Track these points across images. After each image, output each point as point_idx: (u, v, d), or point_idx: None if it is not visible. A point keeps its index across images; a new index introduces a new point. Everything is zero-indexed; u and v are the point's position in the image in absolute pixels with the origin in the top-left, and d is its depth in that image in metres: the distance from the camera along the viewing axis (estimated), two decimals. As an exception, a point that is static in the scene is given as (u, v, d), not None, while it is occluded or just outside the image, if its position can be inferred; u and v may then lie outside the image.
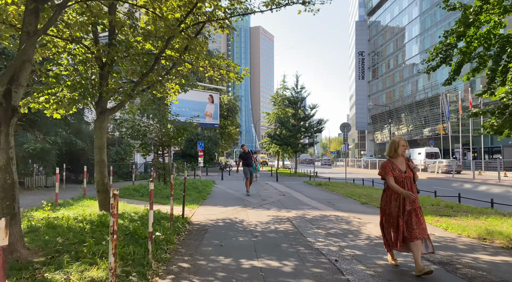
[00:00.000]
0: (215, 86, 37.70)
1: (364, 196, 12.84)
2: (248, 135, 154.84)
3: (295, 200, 11.68)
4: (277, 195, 13.42)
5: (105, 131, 8.19)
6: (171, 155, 14.57)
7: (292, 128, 30.31)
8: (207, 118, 36.61)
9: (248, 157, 13.63)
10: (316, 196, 12.88)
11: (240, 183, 19.87)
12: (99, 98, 8.03)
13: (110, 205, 3.28)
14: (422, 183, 21.58)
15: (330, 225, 7.33)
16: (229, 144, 49.42)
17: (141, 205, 9.90)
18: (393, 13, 70.20)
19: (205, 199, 11.77)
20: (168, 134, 14.05)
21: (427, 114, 51.28)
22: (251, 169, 13.61)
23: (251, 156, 13.82)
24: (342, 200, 11.85)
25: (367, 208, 10.16)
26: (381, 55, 76.48)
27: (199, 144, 25.77)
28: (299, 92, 31.45)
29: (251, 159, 13.71)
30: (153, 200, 4.83)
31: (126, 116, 14.24)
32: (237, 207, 9.82)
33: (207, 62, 10.04)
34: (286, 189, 15.88)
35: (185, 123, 14.62)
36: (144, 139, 14.11)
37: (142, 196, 12.16)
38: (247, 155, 13.68)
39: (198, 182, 16.18)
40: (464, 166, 35.57)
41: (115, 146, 21.72)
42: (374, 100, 76.55)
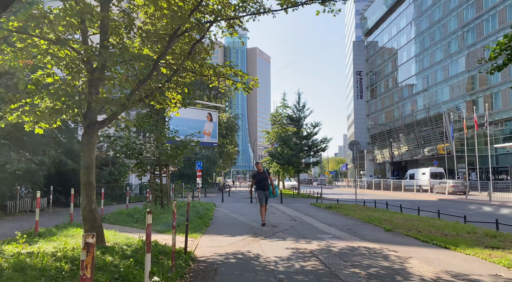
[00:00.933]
0: (214, 104, 36.69)
1: (385, 221, 11.52)
2: (245, 155, 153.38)
3: (310, 227, 10.34)
4: (287, 220, 12.07)
5: (93, 148, 6.92)
6: (168, 175, 13.25)
7: (294, 147, 29.12)
8: (206, 137, 35.35)
9: (263, 178, 10.95)
10: (331, 221, 11.54)
11: (243, 205, 18.47)
12: (87, 109, 6.80)
13: (81, 262, 2.01)
14: (434, 204, 20.29)
15: (365, 261, 6.02)
16: (227, 164, 48.07)
17: (135, 234, 8.54)
18: (391, 33, 70.35)
19: (208, 225, 10.40)
20: (166, 153, 12.78)
21: (429, 134, 50.38)
22: (267, 193, 10.93)
23: (267, 176, 11.06)
24: (362, 227, 10.52)
25: (395, 236, 8.85)
26: (379, 75, 76.30)
27: (197, 163, 24.47)
28: (301, 110, 30.40)
29: (267, 179, 10.98)
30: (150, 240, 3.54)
31: (120, 133, 12.98)
32: (246, 237, 8.47)
33: (212, 71, 8.91)
34: (295, 212, 14.53)
35: (185, 141, 13.38)
36: (139, 158, 12.83)
37: (137, 222, 10.78)
38: (261, 175, 11.01)
39: (198, 205, 14.82)
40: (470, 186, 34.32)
41: (108, 166, 20.38)
42: (373, 120, 75.86)
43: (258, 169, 11.20)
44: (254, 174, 11.34)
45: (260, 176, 11.00)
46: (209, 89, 38.07)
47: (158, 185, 12.95)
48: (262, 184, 10.89)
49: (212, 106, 36.85)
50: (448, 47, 51.25)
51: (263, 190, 10.87)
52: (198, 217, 11.42)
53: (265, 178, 10.93)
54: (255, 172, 11.37)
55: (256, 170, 11.35)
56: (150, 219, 3.97)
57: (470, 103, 46.31)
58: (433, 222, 11.24)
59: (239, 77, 9.60)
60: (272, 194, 10.94)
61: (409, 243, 7.84)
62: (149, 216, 3.99)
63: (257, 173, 11.18)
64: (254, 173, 11.31)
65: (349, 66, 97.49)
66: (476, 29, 45.50)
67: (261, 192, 10.90)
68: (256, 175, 11.14)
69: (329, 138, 30.44)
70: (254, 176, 11.26)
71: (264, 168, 11.68)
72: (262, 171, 11.16)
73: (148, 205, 12.86)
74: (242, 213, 14.12)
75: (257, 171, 11.26)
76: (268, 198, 10.95)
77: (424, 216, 13.02)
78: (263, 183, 10.88)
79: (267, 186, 10.89)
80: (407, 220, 11.65)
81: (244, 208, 16.73)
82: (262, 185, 10.89)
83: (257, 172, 11.22)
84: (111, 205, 18.91)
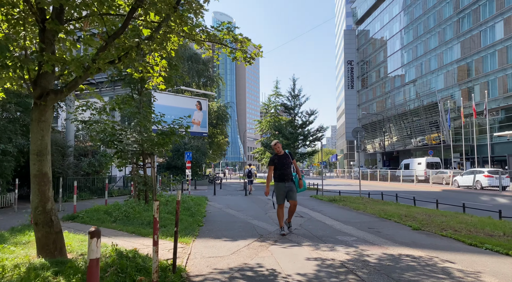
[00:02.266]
0: (204, 91, 34.68)
1: (405, 217, 9.95)
2: (234, 146, 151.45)
3: (323, 226, 8.68)
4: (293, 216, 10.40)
5: (47, 127, 5.09)
6: (154, 166, 11.43)
7: (290, 136, 27.46)
8: (195, 126, 33.43)
9: (284, 163, 7.52)
10: (344, 218, 9.92)
11: (238, 199, 16.74)
12: (37, 72, 4.97)
13: None
14: (441, 196, 18.93)
15: (424, 281, 4.36)
16: (217, 155, 46.22)
17: (112, 238, 6.78)
18: (383, 21, 68.84)
19: (201, 224, 8.66)
20: (151, 140, 10.94)
21: (423, 123, 49.26)
22: (291, 185, 7.47)
23: (290, 160, 7.64)
24: (383, 224, 8.92)
25: (429, 237, 7.25)
26: (370, 64, 74.94)
27: (186, 154, 22.63)
28: (296, 97, 28.69)
29: (290, 166, 7.59)
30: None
31: (97, 117, 11.09)
32: (251, 241, 6.76)
33: (205, 36, 7.11)
34: (297, 206, 12.89)
35: (173, 126, 11.53)
36: (119, 147, 10.97)
37: (115, 221, 8.98)
38: (282, 160, 7.56)
39: (188, 200, 13.05)
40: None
41: (88, 157, 18.42)
42: (364, 110, 74.62)
43: (277, 150, 7.60)
44: (272, 157, 7.69)
45: (280, 161, 7.50)
46: (198, 76, 36.02)
47: (141, 177, 11.13)
48: (283, 173, 7.43)
49: (202, 94, 34.88)
50: (442, 34, 49.97)
51: (284, 180, 7.42)
52: (188, 214, 9.66)
53: (288, 164, 7.49)
54: (272, 155, 7.77)
55: (274, 153, 7.75)
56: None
57: (465, 91, 45.23)
58: (461, 217, 9.71)
59: (239, 44, 7.82)
60: (299, 187, 7.56)
61: (455, 248, 6.24)
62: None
63: (275, 157, 7.62)
64: (272, 157, 7.71)
65: (339, 56, 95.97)
66: (473, 14, 44.22)
67: (281, 186, 7.44)
68: (275, 159, 7.59)
69: (325, 127, 28.89)
70: (272, 161, 7.64)
71: (286, 150, 7.86)
72: (283, 154, 7.59)
73: (130, 201, 11.05)
74: (239, 208, 12.41)
75: (275, 154, 7.68)
76: (293, 192, 7.46)
77: (445, 210, 11.50)
78: (285, 170, 7.46)
79: (290, 175, 7.47)
80: (429, 216, 10.11)
81: (240, 202, 15.04)
82: (283, 174, 7.43)
83: (275, 156, 7.65)
84: (91, 199, 17.05)
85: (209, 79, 37.49)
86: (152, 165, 11.33)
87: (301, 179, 7.62)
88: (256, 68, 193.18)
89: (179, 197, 4.58)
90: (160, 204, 11.01)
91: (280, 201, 7.57)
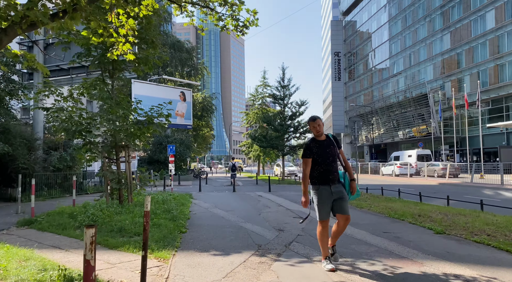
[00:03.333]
0: (188, 81, 32.91)
1: (419, 216, 8.70)
2: (219, 140, 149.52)
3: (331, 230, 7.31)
4: (291, 217, 9.03)
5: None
6: (129, 160, 9.85)
7: (279, 127, 26.06)
8: (178, 118, 31.72)
9: (328, 154, 4.61)
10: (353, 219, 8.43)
11: (225, 196, 15.27)
12: None
13: None
14: (440, 190, 17.85)
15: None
16: (202, 148, 44.54)
17: (69, 253, 5.31)
18: (370, 11, 67.79)
19: (184, 231, 7.17)
20: (125, 130, 9.37)
21: (412, 115, 48.52)
22: (340, 189, 4.65)
23: (336, 150, 4.70)
24: (397, 227, 7.62)
25: (461, 244, 5.97)
26: (357, 56, 73.98)
27: (169, 147, 21.06)
28: (286, 87, 27.26)
29: (336, 158, 4.73)
30: None
31: (63, 104, 9.45)
32: (248, 255, 5.32)
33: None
34: (293, 204, 11.53)
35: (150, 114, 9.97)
36: (88, 137, 9.37)
37: (80, 227, 7.43)
38: (325, 149, 4.63)
39: (170, 198, 11.52)
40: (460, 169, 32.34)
41: (58, 150, 16.65)
42: (351, 102, 73.73)
43: (317, 133, 4.67)
44: (308, 145, 4.71)
45: (322, 151, 4.60)
46: (182, 65, 34.18)
47: (114, 174, 9.55)
48: (328, 170, 4.59)
49: (186, 84, 33.11)
50: (432, 24, 49.14)
51: (329, 182, 4.59)
52: (169, 217, 8.15)
53: (334, 155, 4.64)
54: (308, 141, 4.83)
55: (311, 138, 4.85)
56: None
57: (455, 82, 44.56)
58: (484, 217, 8.48)
59: (229, 9, 6.34)
60: (350, 193, 4.70)
61: (506, 262, 4.95)
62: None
63: (313, 144, 4.67)
64: (308, 144, 4.72)
65: (326, 47, 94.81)
66: (463, 3, 43.40)
67: (325, 191, 4.58)
68: (313, 147, 4.63)
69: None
70: (308, 150, 4.63)
71: (329, 134, 4.84)
72: (326, 138, 4.70)
73: (101, 201, 9.49)
74: (228, 208, 10.96)
75: (312, 140, 4.75)
76: (345, 200, 4.61)
77: (461, 208, 10.30)
78: (330, 166, 4.60)
79: (337, 174, 4.69)
80: (446, 215, 8.87)
81: (228, 200, 13.60)
82: (327, 172, 4.59)
83: (313, 141, 4.71)
84: (62, 197, 15.37)
85: (193, 68, 35.69)
86: (126, 159, 9.76)
87: (354, 179, 4.71)
88: (241, 61, 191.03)
89: (147, 205, 3.10)
90: (136, 205, 9.49)
91: (325, 215, 4.59)
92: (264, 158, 36.12)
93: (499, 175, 24.72)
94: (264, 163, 40.28)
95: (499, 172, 25.94)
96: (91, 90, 9.69)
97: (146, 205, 3.07)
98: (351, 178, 4.74)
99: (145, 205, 3.09)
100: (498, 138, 38.48)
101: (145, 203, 3.10)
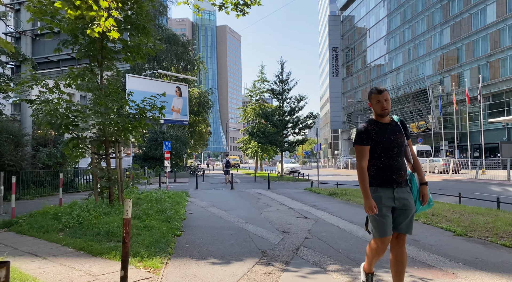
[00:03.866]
0: (184, 76, 32.08)
1: (432, 215, 8.07)
2: (216, 137, 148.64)
3: (339, 232, 6.64)
4: (294, 217, 8.35)
5: None
6: (119, 156, 9.12)
7: (278, 123, 25.36)
8: (174, 114, 31.00)
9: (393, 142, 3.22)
10: (359, 219, 7.90)
11: (223, 193, 14.56)
12: None
13: None
14: (445, 186, 17.25)
15: None
16: (199, 145, 43.76)
17: (47, 261, 4.65)
18: (369, 6, 67.04)
19: (179, 234, 6.48)
20: (115, 124, 8.64)
21: (408, 110, 47.91)
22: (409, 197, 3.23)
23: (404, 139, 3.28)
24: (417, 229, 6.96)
25: (488, 248, 5.34)
26: (355, 51, 73.27)
27: (165, 143, 20.33)
28: (285, 81, 26.54)
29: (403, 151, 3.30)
30: None
31: (48, 95, 8.72)
32: (252, 264, 4.64)
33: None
34: (296, 203, 10.87)
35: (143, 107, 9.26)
36: (75, 131, 8.65)
37: (63, 229, 6.72)
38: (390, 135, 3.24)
39: (164, 197, 10.82)
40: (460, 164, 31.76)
41: (48, 146, 15.89)
42: (349, 98, 73.05)
43: (382, 111, 3.25)
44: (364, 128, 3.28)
45: (385, 138, 3.22)
46: (177, 59, 33.34)
47: (104, 171, 8.84)
48: (391, 165, 3.22)
49: (182, 79, 32.31)
50: (431, 18, 48.49)
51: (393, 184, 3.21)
52: (163, 218, 7.45)
53: (401, 146, 3.25)
54: (365, 124, 3.31)
55: (369, 119, 3.40)
56: None
57: (455, 77, 43.99)
58: (504, 216, 7.81)
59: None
60: (420, 203, 3.29)
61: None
62: None
63: (372, 126, 3.29)
64: (366, 126, 3.29)
65: (323, 43, 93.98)
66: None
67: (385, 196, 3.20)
68: (372, 132, 3.25)
69: (315, 113, 26.93)
70: (365, 133, 3.26)
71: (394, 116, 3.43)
72: (390, 121, 3.33)
73: (89, 200, 8.78)
74: (227, 207, 10.28)
75: (371, 121, 3.34)
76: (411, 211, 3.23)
77: (474, 206, 9.67)
78: (395, 161, 3.23)
79: (404, 174, 3.26)
80: (461, 213, 8.24)
81: (226, 198, 12.92)
82: (391, 168, 3.21)
83: (371, 124, 3.31)
84: (52, 195, 14.63)
85: (189, 63, 34.83)
86: (117, 155, 9.05)
87: (426, 183, 3.33)
88: (238, 57, 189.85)
89: (127, 212, 2.41)
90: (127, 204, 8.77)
91: (386, 231, 3.17)
92: (262, 154, 35.47)
93: (500, 170, 24.22)
94: (262, 160, 39.61)
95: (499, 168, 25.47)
96: (78, 80, 8.94)
97: (126, 211, 2.39)
98: (422, 181, 3.29)
99: (124, 211, 2.41)
100: (499, 133, 37.98)
101: (125, 208, 2.42)
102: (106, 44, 9.05)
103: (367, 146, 3.24)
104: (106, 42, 9.00)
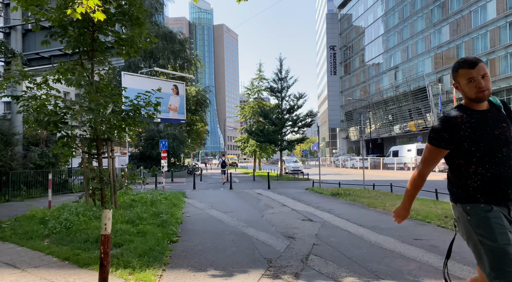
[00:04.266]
0: (181, 74, 31.50)
1: (445, 217, 7.59)
2: (213, 136, 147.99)
3: (350, 236, 6.14)
4: (298, 220, 7.84)
5: None
6: (111, 155, 8.59)
7: (277, 121, 24.85)
8: (171, 112, 30.35)
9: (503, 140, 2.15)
10: (368, 222, 7.42)
11: (222, 194, 14.04)
12: None
13: None
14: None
15: None
16: (196, 144, 43.19)
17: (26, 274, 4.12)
18: (367, 4, 66.56)
19: (175, 240, 5.96)
20: (107, 121, 8.10)
21: (409, 108, 47.50)
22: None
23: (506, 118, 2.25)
24: (426, 231, 6.50)
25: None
26: (353, 50, 72.83)
27: (161, 142, 19.76)
28: (284, 79, 26.02)
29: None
30: None
31: (36, 91, 8.17)
32: (257, 277, 4.12)
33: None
34: (299, 204, 10.36)
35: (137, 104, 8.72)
36: (64, 129, 8.10)
37: (49, 236, 6.18)
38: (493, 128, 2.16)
39: (160, 198, 10.28)
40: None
41: (40, 146, 15.32)
42: (347, 96, 72.65)
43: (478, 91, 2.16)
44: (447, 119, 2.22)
45: (486, 132, 2.16)
46: (174, 57, 32.74)
47: (95, 171, 8.30)
48: (505, 173, 2.13)
49: (179, 77, 31.72)
50: (430, 15, 48.07)
51: (508, 201, 2.14)
52: (158, 223, 6.92)
53: (510, 142, 2.17)
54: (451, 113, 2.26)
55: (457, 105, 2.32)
56: None
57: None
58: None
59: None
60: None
61: None
62: None
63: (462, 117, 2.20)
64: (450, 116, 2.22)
65: (321, 41, 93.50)
66: (463, -6, 42.34)
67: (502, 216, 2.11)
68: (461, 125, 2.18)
69: (315, 111, 26.45)
70: (449, 129, 2.18)
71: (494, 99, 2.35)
72: (489, 107, 2.27)
73: (80, 203, 8.25)
74: (226, 208, 9.76)
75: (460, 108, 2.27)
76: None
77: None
78: (507, 166, 2.13)
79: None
80: None
81: (225, 198, 12.40)
82: (505, 178, 2.12)
83: (461, 111, 2.24)
84: (44, 197, 14.01)
85: (186, 61, 34.24)
86: (109, 155, 8.51)
87: None
88: (235, 56, 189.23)
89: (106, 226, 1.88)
90: (121, 207, 8.27)
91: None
92: (260, 153, 34.97)
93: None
94: (260, 158, 39.11)
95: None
96: (68, 75, 8.39)
97: (105, 225, 1.86)
98: None
99: (102, 225, 1.89)
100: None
101: (103, 221, 1.89)
102: (97, 36, 8.53)
103: (444, 149, 2.23)
104: (97, 34, 8.48)
